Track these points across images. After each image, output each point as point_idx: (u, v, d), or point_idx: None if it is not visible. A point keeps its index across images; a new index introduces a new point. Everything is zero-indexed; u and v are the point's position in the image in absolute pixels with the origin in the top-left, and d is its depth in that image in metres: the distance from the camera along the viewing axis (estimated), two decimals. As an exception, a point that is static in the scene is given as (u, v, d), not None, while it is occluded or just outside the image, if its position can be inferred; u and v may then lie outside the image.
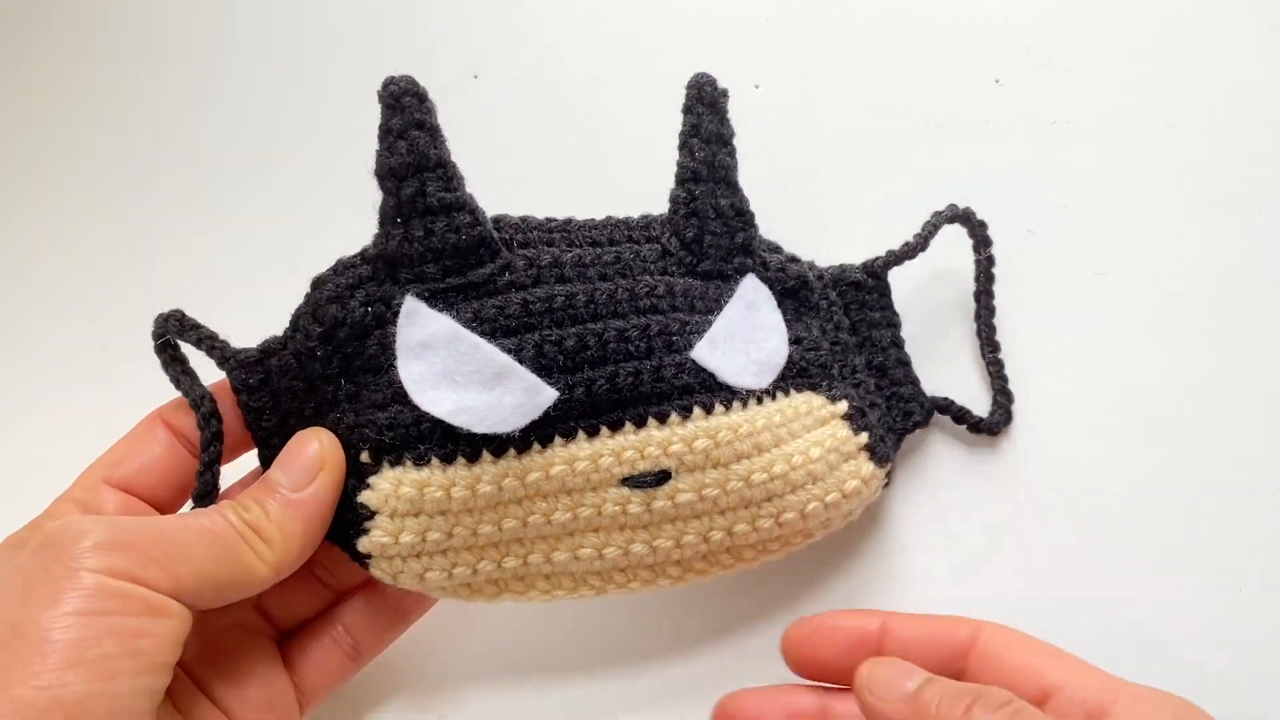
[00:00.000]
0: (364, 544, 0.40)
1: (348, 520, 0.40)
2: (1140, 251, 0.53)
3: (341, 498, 0.40)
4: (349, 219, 0.57)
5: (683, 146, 0.44)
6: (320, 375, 0.41)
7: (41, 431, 0.57)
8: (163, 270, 0.59)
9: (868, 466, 0.44)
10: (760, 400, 0.43)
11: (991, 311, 0.50)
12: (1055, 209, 0.54)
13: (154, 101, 0.62)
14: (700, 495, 0.41)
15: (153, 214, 0.61)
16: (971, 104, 0.56)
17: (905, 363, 0.49)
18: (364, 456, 0.40)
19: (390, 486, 0.39)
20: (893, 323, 0.49)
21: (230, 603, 0.37)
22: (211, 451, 0.40)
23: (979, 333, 0.50)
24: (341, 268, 0.41)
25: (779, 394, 0.44)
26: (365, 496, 0.40)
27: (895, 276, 0.50)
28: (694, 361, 0.41)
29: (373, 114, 0.39)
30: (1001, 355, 0.50)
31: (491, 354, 0.38)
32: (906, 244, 0.49)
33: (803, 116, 0.57)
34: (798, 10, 0.58)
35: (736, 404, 0.42)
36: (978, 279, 0.50)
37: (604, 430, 0.40)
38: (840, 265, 0.49)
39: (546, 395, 0.39)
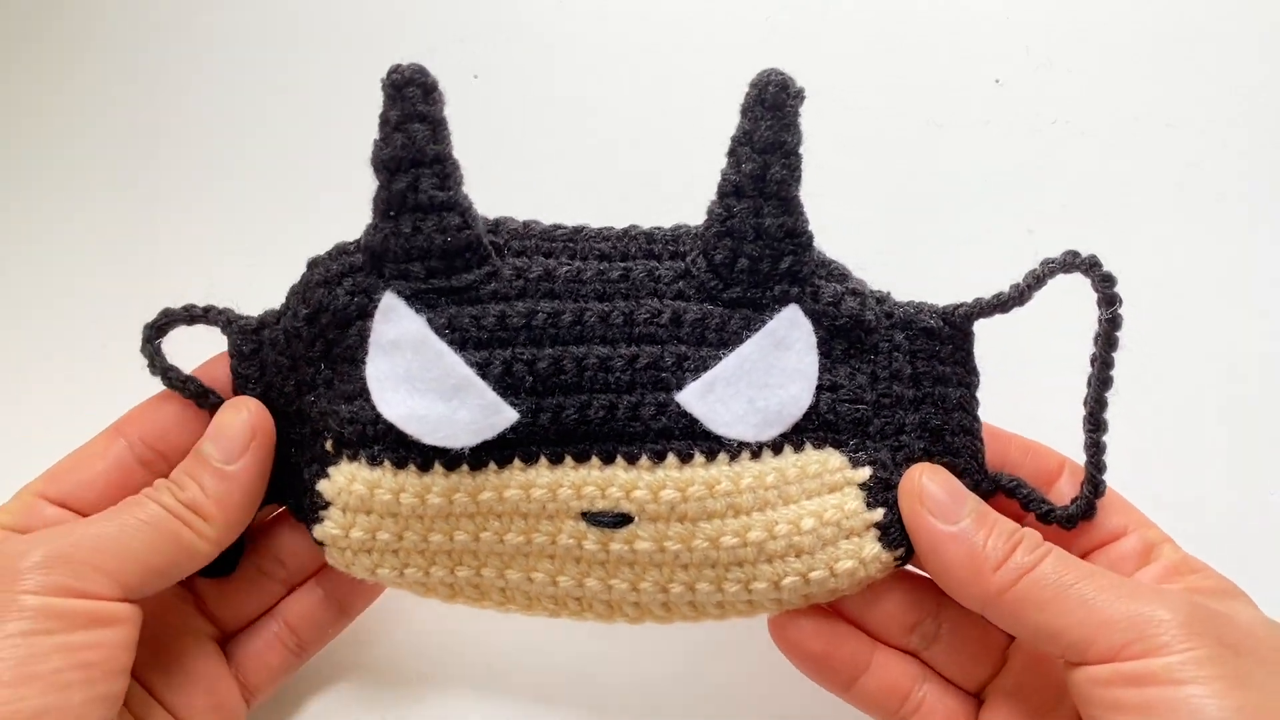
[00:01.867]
0: (318, 531, 0.39)
1: (306, 505, 0.40)
2: (1140, 251, 0.53)
3: (305, 481, 0.40)
4: (354, 221, 0.57)
5: (730, 154, 0.39)
6: (303, 356, 0.40)
7: (41, 431, 0.57)
8: (165, 272, 0.59)
9: (872, 548, 0.39)
10: (756, 455, 0.38)
11: (1107, 383, 0.39)
12: (1055, 209, 0.54)
13: (160, 106, 0.62)
14: (660, 547, 0.38)
15: (157, 217, 0.61)
16: (971, 104, 0.56)
17: (970, 431, 0.41)
18: (328, 445, 0.39)
19: (344, 481, 0.38)
20: (965, 382, 0.41)
21: (173, 583, 0.38)
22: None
23: (1086, 402, 0.40)
24: (336, 253, 0.40)
25: (787, 449, 0.39)
26: (322, 485, 0.39)
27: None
28: (678, 404, 0.37)
29: (375, 114, 0.39)
30: (1106, 438, 0.40)
31: (454, 365, 0.37)
32: (1000, 294, 0.40)
33: (803, 116, 0.56)
34: (798, 10, 0.58)
35: (722, 456, 0.38)
36: (1097, 340, 0.40)
37: (568, 460, 0.37)
38: (916, 304, 0.42)
39: (505, 416, 0.37)
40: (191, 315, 0.41)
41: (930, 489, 0.38)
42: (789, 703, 0.47)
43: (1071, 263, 0.39)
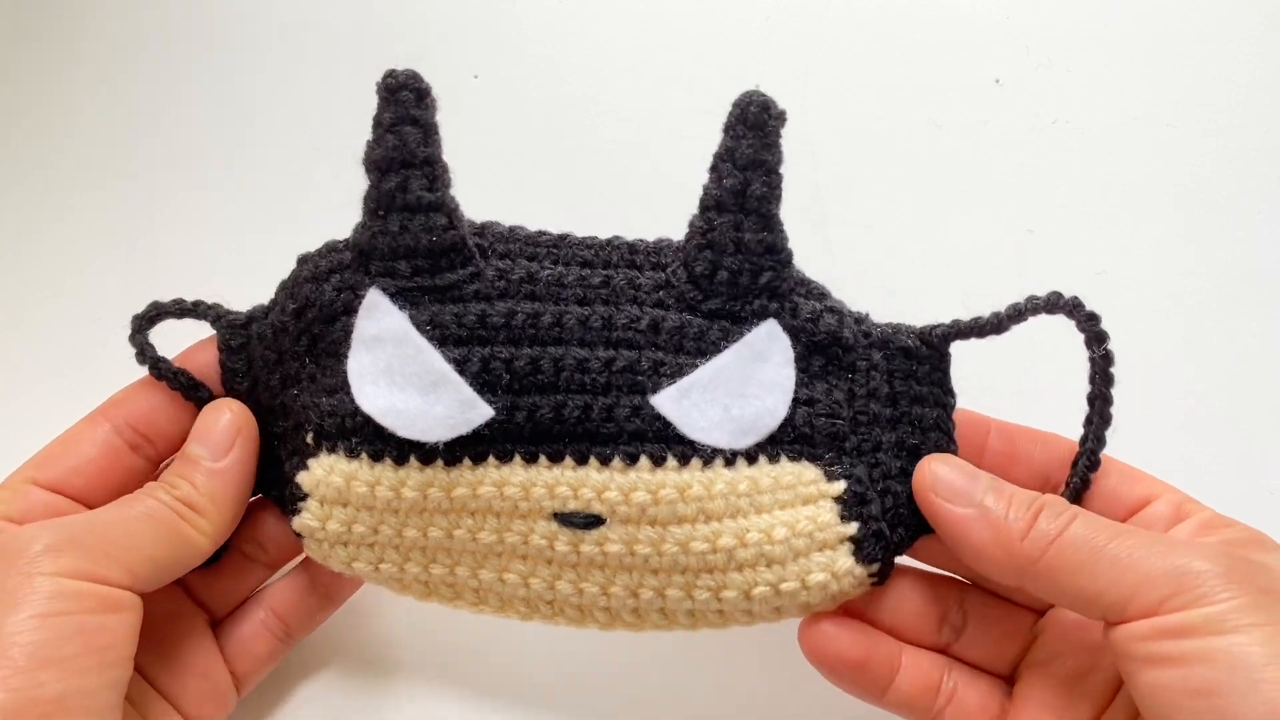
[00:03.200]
0: (296, 523, 0.40)
1: (286, 494, 0.41)
2: (1140, 251, 0.53)
3: (286, 473, 0.41)
4: (349, 220, 0.57)
5: (712, 169, 0.40)
6: (289, 350, 0.41)
7: (40, 427, 0.57)
8: (164, 268, 0.59)
9: (845, 561, 0.39)
10: (730, 463, 0.39)
11: (1106, 422, 0.40)
12: (1055, 209, 0.54)
13: (159, 104, 0.62)
14: (630, 550, 0.38)
15: (155, 213, 0.61)
16: (971, 104, 0.56)
17: (946, 451, 0.41)
18: (308, 438, 0.40)
19: (322, 473, 0.39)
20: (942, 402, 0.42)
21: (173, 579, 0.38)
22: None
23: (1084, 441, 0.40)
24: (325, 250, 0.41)
25: (761, 459, 0.39)
26: (301, 477, 0.40)
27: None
28: (653, 407, 0.38)
29: (371, 115, 0.39)
30: (1094, 475, 0.40)
31: (432, 360, 0.37)
32: (978, 319, 0.41)
33: (803, 116, 0.56)
34: (798, 10, 0.58)
35: (695, 461, 0.38)
36: (1093, 380, 0.40)
37: (542, 459, 0.38)
38: (894, 325, 0.42)
39: (480, 412, 0.37)
40: (181, 309, 0.42)
41: (942, 473, 0.38)
42: (787, 702, 0.47)
43: (1055, 303, 0.39)
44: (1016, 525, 0.36)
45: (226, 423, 0.40)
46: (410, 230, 0.38)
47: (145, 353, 0.41)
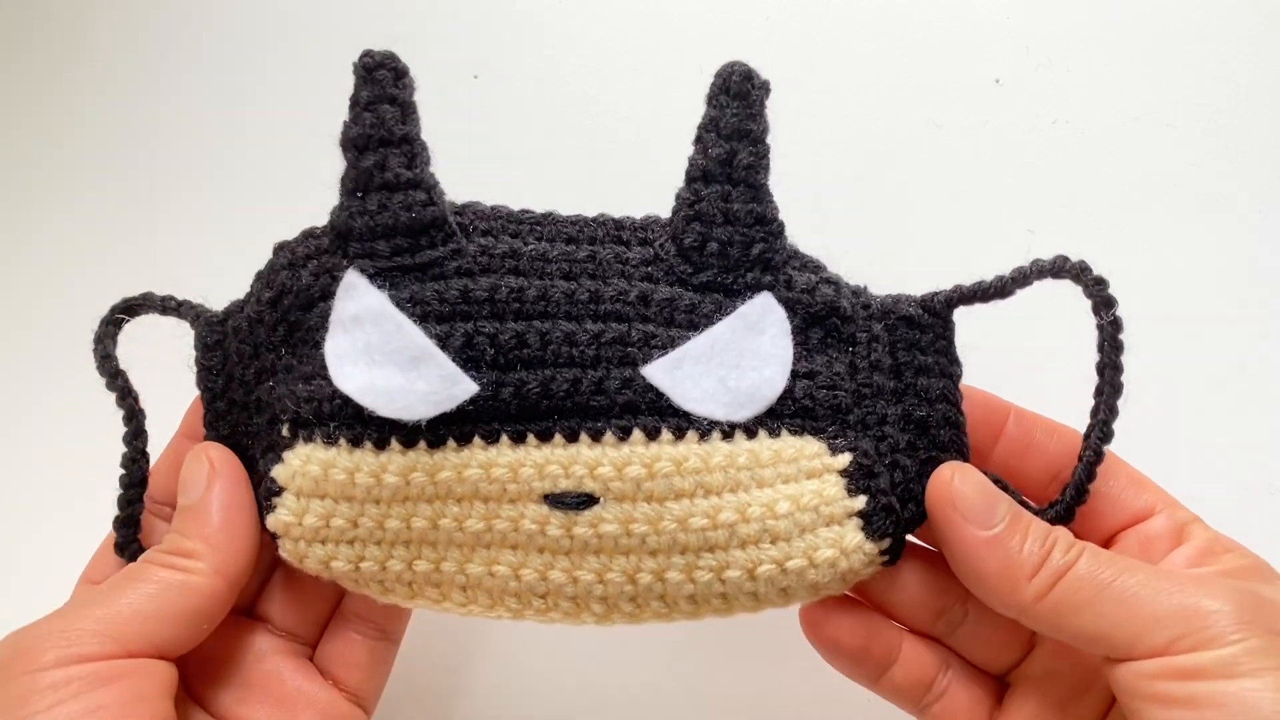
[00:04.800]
0: (271, 521, 0.38)
1: (260, 491, 0.39)
2: (1140, 251, 0.53)
3: (260, 470, 0.39)
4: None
5: (697, 140, 0.39)
6: (264, 342, 0.39)
7: (41, 428, 0.57)
8: (165, 270, 0.59)
9: (854, 537, 0.37)
10: (728, 435, 0.37)
11: (1118, 390, 0.38)
12: (1055, 209, 0.54)
13: (160, 111, 0.62)
14: (627, 530, 0.36)
15: (157, 215, 0.61)
16: (971, 104, 0.56)
17: (954, 423, 0.40)
18: (284, 430, 0.38)
19: (299, 463, 0.37)
20: (948, 373, 0.40)
21: (198, 628, 0.37)
22: (132, 493, 0.40)
23: (1095, 413, 0.39)
24: (303, 236, 0.40)
25: (761, 433, 0.38)
26: (276, 471, 0.38)
27: (962, 313, 0.41)
28: (644, 379, 0.37)
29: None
30: (1106, 449, 0.38)
31: (413, 336, 0.36)
32: (982, 282, 0.40)
33: (803, 116, 0.56)
34: (798, 10, 0.58)
35: (691, 434, 0.37)
36: (1102, 348, 0.38)
37: (531, 438, 0.36)
38: (894, 296, 0.41)
39: (464, 388, 0.36)
40: (164, 305, 0.41)
41: (963, 492, 0.37)
42: (787, 702, 0.47)
43: (1062, 267, 0.38)
44: (1029, 561, 0.35)
45: (200, 465, 0.39)
46: (389, 208, 0.37)
47: (106, 364, 0.40)
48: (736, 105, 0.38)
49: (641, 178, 0.56)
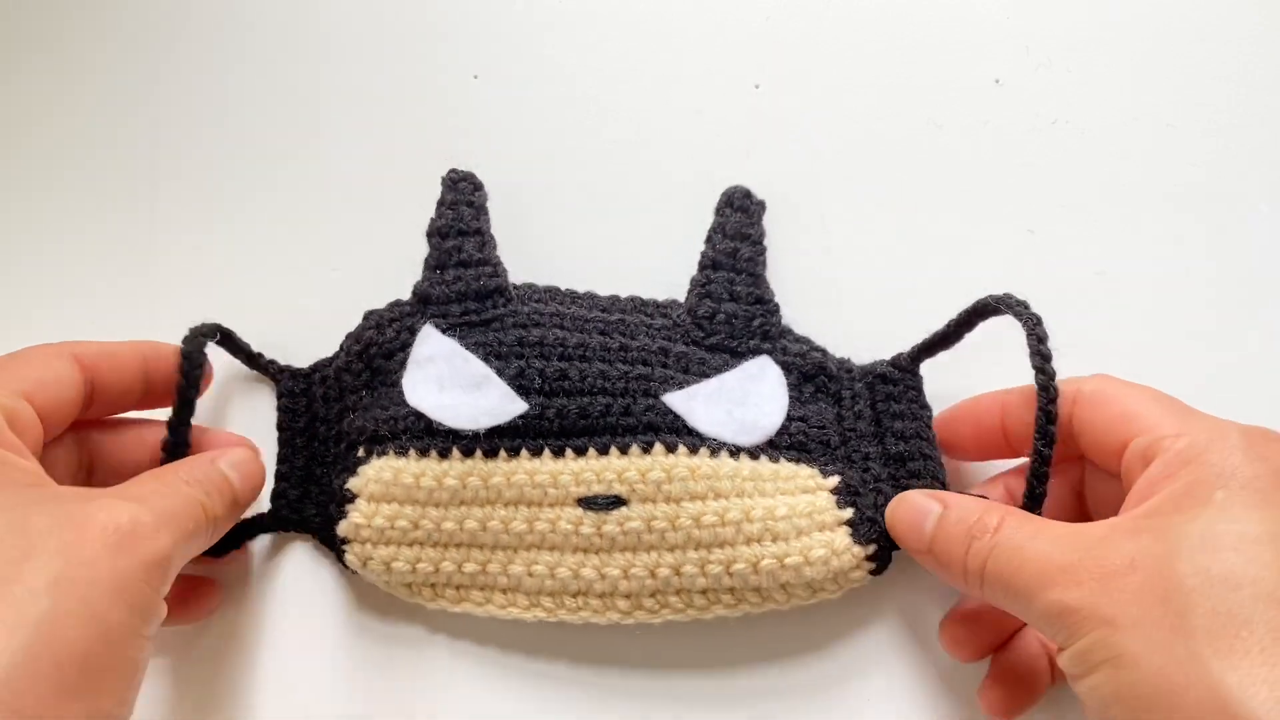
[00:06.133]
0: (342, 527, 0.45)
1: (334, 505, 0.46)
2: (1140, 251, 0.53)
3: (335, 487, 0.46)
4: (350, 216, 0.57)
5: (707, 240, 0.50)
6: (349, 386, 0.48)
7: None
8: (167, 270, 0.59)
9: (843, 540, 0.44)
10: (735, 455, 0.45)
11: (1052, 398, 0.42)
12: (1055, 209, 0.54)
13: (161, 113, 0.62)
14: (649, 526, 0.43)
15: (169, 225, 0.61)
16: (971, 104, 0.56)
17: (927, 455, 0.46)
18: (360, 451, 0.46)
19: (373, 473, 0.44)
20: (918, 415, 0.48)
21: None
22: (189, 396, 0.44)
23: (1036, 422, 0.42)
24: (389, 306, 0.48)
25: (763, 457, 0.45)
26: (351, 482, 0.45)
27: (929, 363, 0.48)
28: (664, 404, 0.45)
29: (374, 114, 0.39)
30: (1048, 468, 0.42)
31: (477, 366, 0.45)
32: (935, 334, 0.47)
33: (803, 116, 0.56)
34: (798, 10, 0.58)
35: (704, 450, 0.44)
36: (1033, 360, 0.43)
37: (569, 452, 0.44)
38: (871, 363, 0.49)
39: (517, 406, 0.44)
40: (249, 356, 0.49)
41: (893, 521, 0.43)
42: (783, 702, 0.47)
43: (988, 305, 0.44)
44: (956, 560, 0.39)
45: (257, 461, 0.46)
46: (463, 279, 0.47)
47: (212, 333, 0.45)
48: (739, 215, 0.50)
49: (642, 178, 0.56)
